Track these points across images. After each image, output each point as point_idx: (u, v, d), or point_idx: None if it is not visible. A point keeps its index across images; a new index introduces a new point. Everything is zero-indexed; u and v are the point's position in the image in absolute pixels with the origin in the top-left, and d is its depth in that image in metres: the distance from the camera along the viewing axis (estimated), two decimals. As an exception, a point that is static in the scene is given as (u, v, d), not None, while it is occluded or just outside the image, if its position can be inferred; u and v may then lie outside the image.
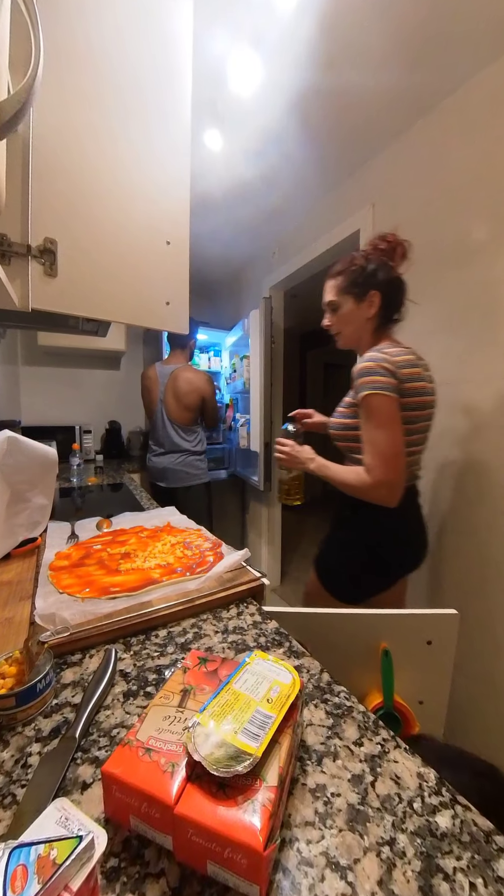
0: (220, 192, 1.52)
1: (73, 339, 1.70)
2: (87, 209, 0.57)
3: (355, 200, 1.40)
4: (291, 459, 0.78)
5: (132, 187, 0.62)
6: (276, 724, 0.24)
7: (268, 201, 1.59)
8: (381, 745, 0.28)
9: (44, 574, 0.53)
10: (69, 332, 1.08)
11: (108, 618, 0.42)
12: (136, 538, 0.67)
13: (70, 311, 0.59)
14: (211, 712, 0.25)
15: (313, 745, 0.29)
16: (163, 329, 0.74)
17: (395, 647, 0.48)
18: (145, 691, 0.34)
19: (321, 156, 1.31)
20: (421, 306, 1.15)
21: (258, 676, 0.29)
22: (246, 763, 0.22)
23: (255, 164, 1.35)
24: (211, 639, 0.42)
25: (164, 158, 0.66)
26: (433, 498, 1.15)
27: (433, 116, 1.09)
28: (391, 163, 1.24)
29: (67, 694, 0.33)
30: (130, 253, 0.64)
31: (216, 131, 1.20)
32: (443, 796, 0.25)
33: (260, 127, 1.17)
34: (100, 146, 0.58)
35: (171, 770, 0.22)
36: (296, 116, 1.13)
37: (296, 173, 1.41)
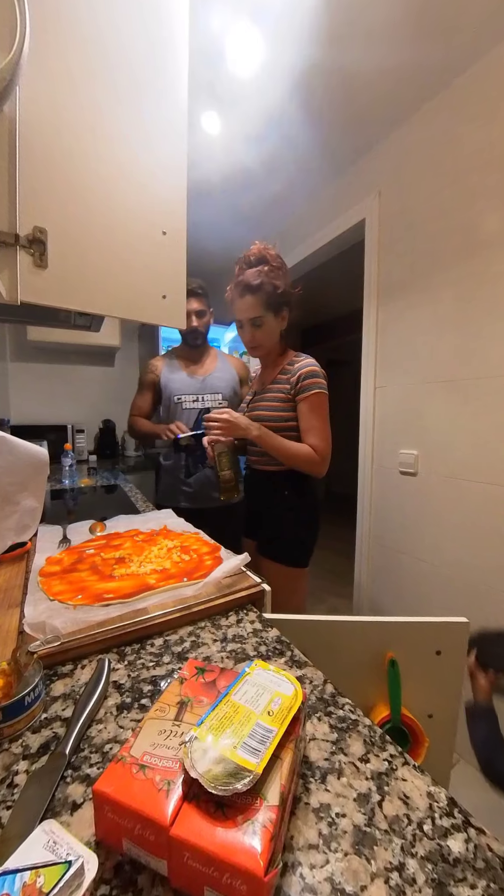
0: (218, 178, 1.51)
1: (65, 333, 1.70)
2: (78, 197, 0.57)
3: (360, 188, 1.39)
4: (231, 427, 0.84)
5: (126, 174, 0.62)
6: (277, 739, 0.24)
7: (269, 189, 1.58)
8: (388, 762, 0.28)
9: (33, 580, 0.52)
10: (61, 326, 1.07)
11: (101, 626, 0.42)
12: (131, 542, 0.67)
13: (61, 305, 0.58)
14: (209, 726, 0.25)
15: (316, 761, 0.28)
16: (159, 324, 0.73)
17: (403, 657, 0.48)
18: (140, 704, 0.34)
19: (325, 140, 1.30)
20: (428, 300, 1.15)
21: (258, 687, 0.28)
22: (245, 780, 0.21)
23: (255, 149, 1.34)
24: (209, 647, 0.42)
25: (159, 143, 0.65)
26: (449, 496, 1.15)
27: (444, 97, 1.07)
28: (398, 148, 1.23)
29: (57, 707, 0.33)
30: (125, 243, 0.64)
31: (214, 114, 1.18)
32: (455, 818, 0.24)
33: (260, 109, 1.16)
34: (91, 129, 0.57)
35: (167, 788, 0.22)
36: (298, 98, 1.12)
37: (298, 159, 1.40)
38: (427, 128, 1.13)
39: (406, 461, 1.24)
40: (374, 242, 1.33)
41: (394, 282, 1.28)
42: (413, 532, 1.23)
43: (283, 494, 0.93)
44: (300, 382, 0.86)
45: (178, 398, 1.26)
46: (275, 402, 0.90)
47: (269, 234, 1.95)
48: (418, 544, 1.21)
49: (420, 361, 1.19)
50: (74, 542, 0.68)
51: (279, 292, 0.88)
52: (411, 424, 1.23)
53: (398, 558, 1.28)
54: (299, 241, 1.73)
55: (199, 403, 1.34)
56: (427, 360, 1.16)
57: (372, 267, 1.35)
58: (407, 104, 1.13)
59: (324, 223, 1.57)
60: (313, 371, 0.87)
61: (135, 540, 0.68)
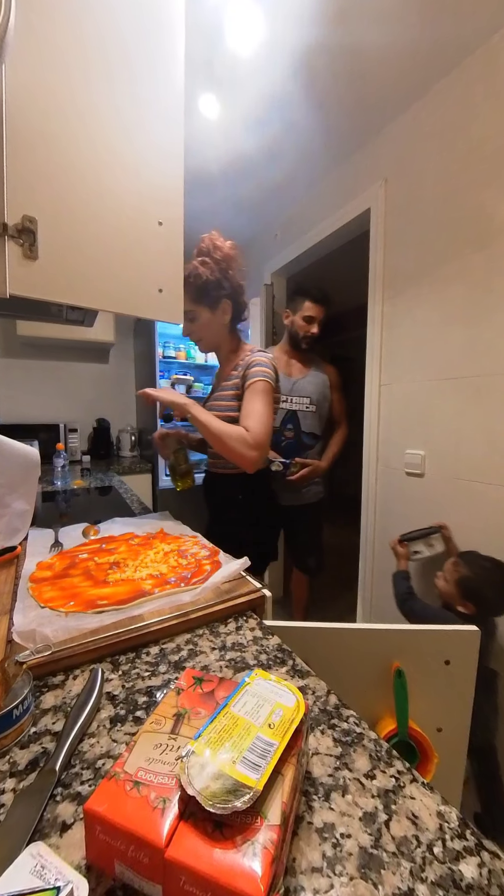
0: (216, 166, 1.50)
1: (57, 328, 1.69)
2: (69, 184, 0.57)
3: (366, 175, 1.38)
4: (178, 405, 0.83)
5: (120, 160, 0.61)
6: (278, 753, 0.24)
7: (269, 177, 1.57)
8: (395, 779, 0.28)
9: (23, 586, 0.52)
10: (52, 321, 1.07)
11: (94, 634, 0.42)
12: (126, 546, 0.67)
13: (52, 298, 0.58)
14: (207, 739, 0.24)
15: (320, 777, 0.28)
16: (155, 319, 0.73)
17: (410, 668, 0.48)
18: (135, 716, 0.33)
19: (329, 124, 1.29)
20: (437, 294, 1.15)
21: (259, 698, 0.28)
22: (245, 798, 0.21)
23: (255, 133, 1.33)
24: (207, 656, 0.41)
25: (155, 127, 0.65)
26: (458, 498, 1.14)
27: (454, 77, 1.06)
28: (406, 132, 1.22)
29: (47, 721, 0.33)
30: (119, 234, 0.63)
31: (212, 96, 1.17)
32: (467, 840, 0.24)
33: (261, 91, 1.15)
34: (82, 112, 0.57)
35: (162, 806, 0.22)
36: (301, 79, 1.11)
37: (301, 145, 1.39)
38: (436, 110, 1.12)
39: (412, 462, 1.23)
40: (380, 233, 1.33)
41: (400, 274, 1.27)
42: (420, 535, 1.22)
43: (236, 498, 0.94)
44: (247, 371, 0.88)
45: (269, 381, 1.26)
46: (227, 400, 0.91)
47: (269, 225, 1.95)
48: (425, 548, 1.21)
49: (427, 358, 1.18)
50: (67, 546, 0.68)
51: (210, 285, 0.87)
52: (418, 423, 1.22)
53: (404, 563, 1.27)
54: (301, 232, 1.73)
55: (287, 405, 1.44)
56: (435, 356, 1.16)
57: (377, 259, 1.35)
58: (415, 85, 1.12)
59: (327, 213, 1.57)
60: (260, 361, 0.88)
61: (130, 544, 0.68)
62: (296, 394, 1.46)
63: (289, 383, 1.45)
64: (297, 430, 1.47)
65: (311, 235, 1.67)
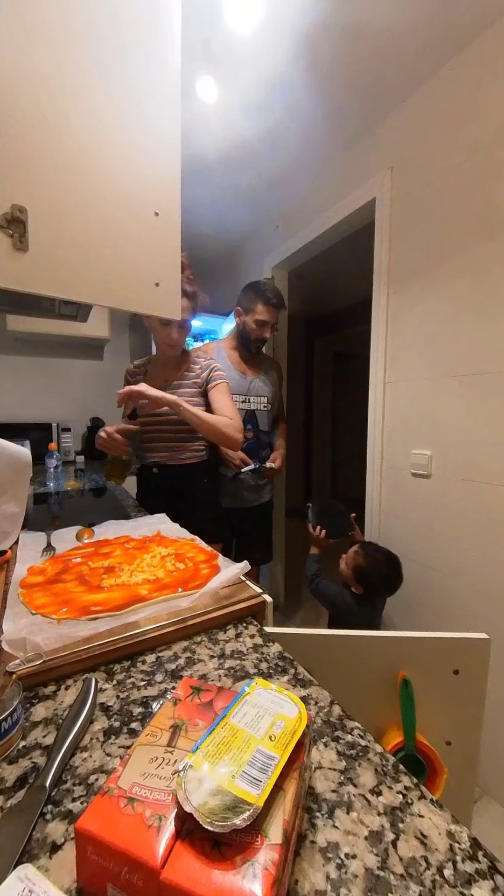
0: (215, 153, 1.50)
1: (49, 324, 1.69)
2: (61, 172, 0.56)
3: (371, 163, 1.37)
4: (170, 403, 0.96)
5: (114, 147, 0.61)
6: (279, 767, 0.24)
7: (270, 165, 1.57)
8: (402, 795, 0.28)
9: (14, 592, 0.52)
10: (44, 315, 1.07)
11: (87, 642, 0.41)
12: (122, 550, 0.66)
13: (44, 292, 0.58)
14: (205, 752, 0.24)
15: (323, 792, 0.28)
16: (152, 314, 0.73)
17: (417, 677, 0.47)
18: (129, 728, 0.33)
19: (332, 109, 1.28)
20: (445, 287, 1.14)
21: (259, 709, 0.28)
22: (245, 815, 0.21)
23: (255, 119, 1.32)
24: (205, 664, 0.41)
25: (151, 111, 0.64)
26: (467, 500, 1.14)
27: (465, 57, 1.04)
28: (413, 117, 1.21)
29: (38, 734, 0.32)
30: (113, 225, 0.63)
31: (210, 79, 1.16)
32: (479, 862, 0.24)
33: (262, 73, 1.14)
34: (73, 96, 0.56)
35: (158, 824, 0.21)
36: (303, 60, 1.09)
37: (303, 131, 1.38)
38: (445, 94, 1.10)
39: (418, 462, 1.23)
40: (386, 224, 1.32)
41: (406, 267, 1.27)
42: (426, 539, 1.22)
43: (202, 482, 1.13)
44: (210, 373, 1.08)
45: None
46: (190, 396, 1.06)
47: (270, 216, 1.94)
48: (432, 553, 1.21)
49: (435, 354, 1.18)
50: (59, 550, 0.68)
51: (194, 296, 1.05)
52: (424, 422, 1.22)
53: (410, 568, 1.27)
54: (303, 223, 1.72)
55: (246, 405, 1.49)
56: (442, 352, 1.15)
57: (382, 251, 1.34)
58: (423, 67, 1.10)
59: (330, 203, 1.56)
60: (218, 367, 1.12)
61: (125, 547, 0.68)
62: (253, 393, 1.50)
63: (245, 382, 1.49)
64: (255, 430, 1.52)
65: (313, 227, 1.66)
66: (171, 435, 1.07)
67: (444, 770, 0.47)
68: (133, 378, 1.15)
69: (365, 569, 1.12)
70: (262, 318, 1.42)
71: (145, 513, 1.03)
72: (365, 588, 1.12)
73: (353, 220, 1.52)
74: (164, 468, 1.10)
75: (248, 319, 1.45)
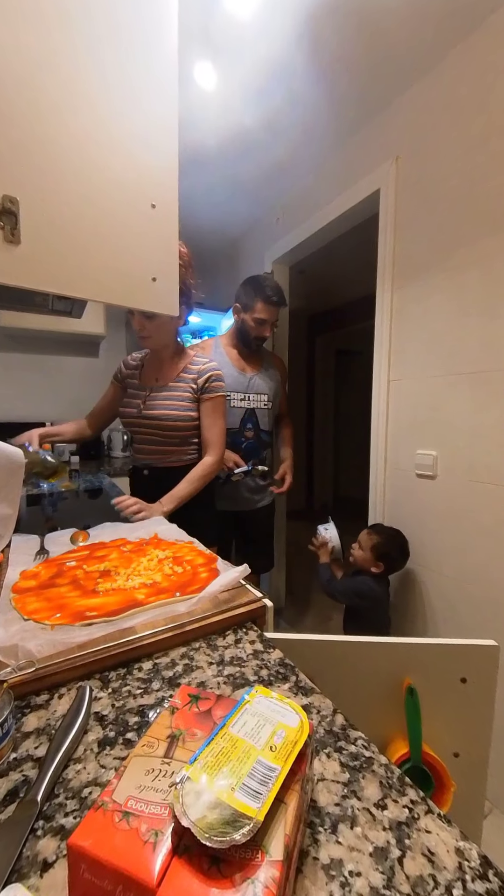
0: (214, 142, 1.49)
1: (43, 320, 1.69)
2: (53, 162, 0.56)
3: (376, 153, 1.37)
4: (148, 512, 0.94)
5: (108, 135, 0.61)
6: (280, 779, 0.23)
7: (271, 155, 1.56)
8: (408, 810, 0.27)
9: (5, 597, 0.52)
10: (37, 311, 1.07)
11: (81, 649, 0.41)
12: (118, 553, 0.66)
13: (37, 287, 0.57)
14: (203, 763, 0.24)
15: (326, 806, 0.28)
16: (149, 310, 0.73)
17: (422, 685, 0.47)
18: (125, 738, 0.33)
19: (335, 96, 1.27)
20: (451, 282, 1.14)
21: (259, 718, 0.28)
22: (244, 830, 0.21)
23: (255, 106, 1.31)
24: (204, 671, 0.41)
25: (146, 97, 0.64)
26: (474, 502, 1.14)
27: (474, 40, 1.03)
28: (420, 103, 1.20)
29: (29, 745, 0.32)
30: (109, 217, 0.63)
31: (209, 64, 1.15)
32: (490, 882, 0.23)
33: (262, 58, 1.13)
34: (65, 82, 0.56)
35: (154, 840, 0.21)
36: (305, 44, 1.09)
37: (305, 119, 1.37)
38: (453, 79, 1.09)
39: (424, 463, 1.23)
40: (390, 216, 1.32)
41: (412, 261, 1.26)
42: (432, 542, 1.22)
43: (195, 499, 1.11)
44: (208, 383, 1.05)
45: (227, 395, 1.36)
46: (181, 400, 1.04)
47: (271, 208, 1.94)
48: (438, 556, 1.20)
49: (441, 351, 1.18)
50: (53, 553, 0.67)
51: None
52: (430, 422, 1.22)
53: (415, 571, 1.27)
54: (305, 215, 1.72)
55: (246, 403, 1.48)
56: (449, 349, 1.15)
57: (387, 244, 1.34)
58: (430, 50, 1.09)
59: (333, 194, 1.56)
60: (220, 375, 1.07)
61: (122, 550, 0.67)
62: (253, 391, 1.49)
63: (244, 380, 1.48)
64: (256, 429, 1.52)
65: (315, 219, 1.66)
66: (161, 439, 1.06)
67: (451, 783, 0.46)
68: (128, 371, 1.13)
69: (383, 544, 1.23)
70: (262, 317, 1.42)
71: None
72: (386, 563, 1.22)
73: (357, 213, 1.52)
74: (154, 470, 1.09)
75: (246, 317, 1.44)
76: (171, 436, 1.05)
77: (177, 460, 1.07)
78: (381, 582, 1.24)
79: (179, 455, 1.07)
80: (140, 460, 1.11)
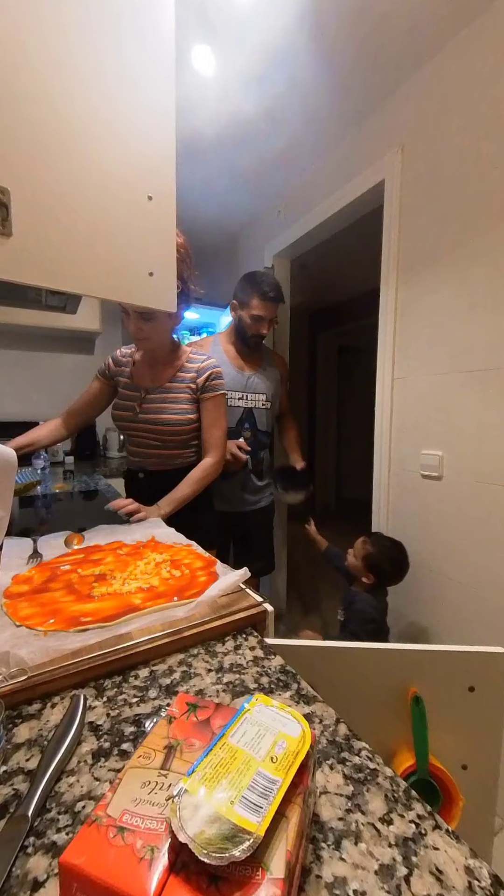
0: (212, 131, 1.49)
1: (36, 315, 1.68)
2: (45, 150, 0.56)
3: (380, 141, 1.36)
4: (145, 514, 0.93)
5: (103, 123, 0.60)
6: (282, 792, 0.23)
7: (272, 144, 1.56)
8: (415, 825, 0.27)
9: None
10: (30, 306, 1.06)
11: (76, 656, 0.41)
12: (114, 556, 0.66)
13: (28, 281, 0.57)
14: (201, 775, 0.24)
15: (329, 820, 0.27)
16: (145, 306, 0.72)
17: (429, 694, 0.47)
18: (120, 749, 0.33)
19: (338, 81, 1.26)
20: (458, 276, 1.13)
21: (260, 727, 0.27)
22: (244, 846, 0.20)
23: (256, 92, 1.30)
24: (203, 679, 0.41)
25: (142, 83, 0.63)
26: (480, 504, 1.13)
27: (484, 20, 1.02)
28: (427, 89, 1.19)
29: (20, 757, 0.32)
30: (104, 209, 0.63)
31: (207, 48, 1.14)
32: (501, 902, 0.23)
33: (262, 43, 1.12)
34: (57, 65, 0.55)
35: (150, 857, 0.21)
36: (307, 27, 1.07)
37: (306, 106, 1.36)
38: (463, 62, 1.08)
39: (429, 463, 1.23)
40: (395, 208, 1.31)
41: (417, 255, 1.26)
42: (438, 545, 1.22)
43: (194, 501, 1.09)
44: (208, 381, 1.02)
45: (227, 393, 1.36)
46: (180, 403, 1.02)
47: (271, 200, 1.94)
48: (444, 559, 1.20)
49: (447, 348, 1.17)
50: (47, 556, 0.67)
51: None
52: (436, 421, 1.21)
53: (420, 575, 1.27)
54: (307, 208, 1.72)
55: (244, 402, 1.48)
56: (456, 346, 1.15)
57: (391, 237, 1.34)
58: (439, 32, 1.07)
59: (336, 185, 1.56)
60: (220, 373, 1.05)
61: (118, 553, 0.67)
62: (251, 390, 1.50)
63: (242, 378, 1.48)
64: (254, 429, 1.53)
65: (317, 212, 1.65)
66: (159, 442, 1.03)
67: (460, 797, 0.46)
68: (117, 368, 1.09)
69: (375, 556, 1.20)
70: (258, 314, 1.42)
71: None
72: (377, 576, 1.20)
73: (361, 205, 1.51)
74: (151, 473, 1.08)
75: (243, 314, 1.44)
76: (170, 439, 1.03)
77: (175, 463, 1.05)
78: (378, 595, 1.22)
79: (178, 458, 1.05)
80: (136, 463, 1.09)
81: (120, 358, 1.11)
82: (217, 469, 1.05)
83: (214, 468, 1.04)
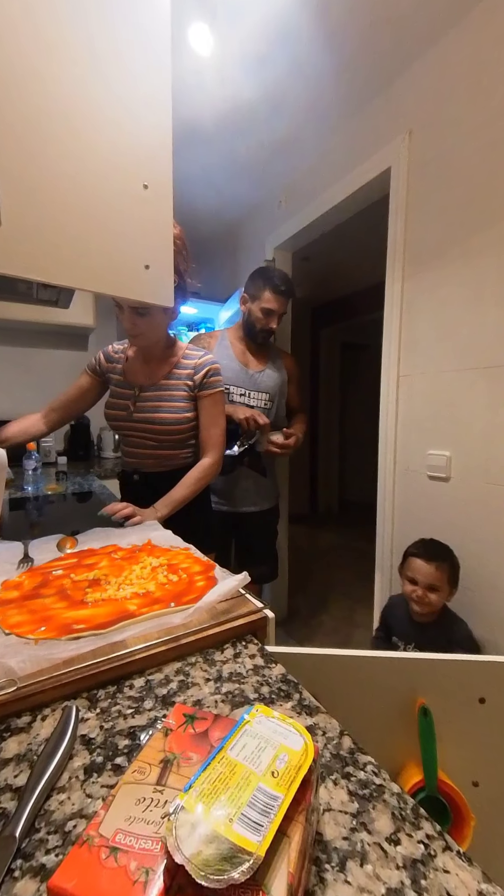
0: (210, 116, 1.48)
1: (27, 310, 1.68)
2: (36, 136, 0.55)
3: (387, 127, 1.36)
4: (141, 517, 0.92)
5: (94, 107, 0.60)
6: (283, 809, 0.23)
7: (273, 130, 1.55)
8: (424, 845, 0.27)
9: (-14, 608, 0.51)
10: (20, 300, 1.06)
11: (68, 665, 0.41)
12: (108, 560, 0.66)
13: (19, 274, 0.57)
14: (199, 791, 0.23)
15: (333, 839, 0.27)
16: (141, 300, 0.72)
17: (437, 705, 0.47)
18: (114, 764, 0.32)
19: (343, 62, 1.25)
20: (468, 269, 1.13)
21: (260, 740, 0.27)
22: (244, 867, 0.20)
23: (256, 74, 1.29)
24: (200, 689, 0.41)
25: (137, 64, 0.62)
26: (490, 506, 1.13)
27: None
28: (436, 71, 1.18)
29: (8, 773, 0.32)
30: (97, 199, 0.62)
31: (205, 26, 1.13)
32: (518, 932, 0.23)
33: (263, 21, 1.10)
34: (47, 46, 0.54)
35: (145, 879, 0.21)
36: (311, 6, 1.06)
37: (309, 89, 1.35)
38: (474, 42, 1.07)
39: (436, 464, 1.22)
40: (402, 197, 1.31)
41: (425, 247, 1.26)
42: (446, 548, 1.22)
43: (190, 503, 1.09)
44: (206, 378, 1.02)
45: (227, 388, 1.37)
46: (176, 401, 1.01)
47: (273, 189, 1.93)
48: (452, 562, 1.20)
49: (455, 344, 1.17)
50: (38, 561, 0.67)
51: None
52: (443, 420, 1.21)
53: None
54: (309, 199, 1.71)
55: (246, 399, 1.48)
56: (464, 342, 1.15)
57: (398, 228, 1.33)
58: (450, 11, 1.06)
59: (340, 174, 1.55)
60: (218, 369, 1.04)
61: (112, 558, 0.67)
62: (254, 388, 1.50)
63: (246, 376, 1.49)
64: None
65: (320, 202, 1.65)
66: (155, 443, 1.02)
67: (471, 816, 0.45)
68: (109, 365, 1.07)
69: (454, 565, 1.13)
70: (269, 307, 1.43)
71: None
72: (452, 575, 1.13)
73: (366, 194, 1.51)
74: (145, 475, 1.07)
75: (254, 307, 1.45)
76: (166, 439, 1.02)
77: (171, 465, 1.05)
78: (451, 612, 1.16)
79: (175, 458, 1.05)
80: (131, 464, 1.09)
81: (112, 354, 1.09)
82: (215, 469, 1.05)
83: (213, 468, 1.04)
